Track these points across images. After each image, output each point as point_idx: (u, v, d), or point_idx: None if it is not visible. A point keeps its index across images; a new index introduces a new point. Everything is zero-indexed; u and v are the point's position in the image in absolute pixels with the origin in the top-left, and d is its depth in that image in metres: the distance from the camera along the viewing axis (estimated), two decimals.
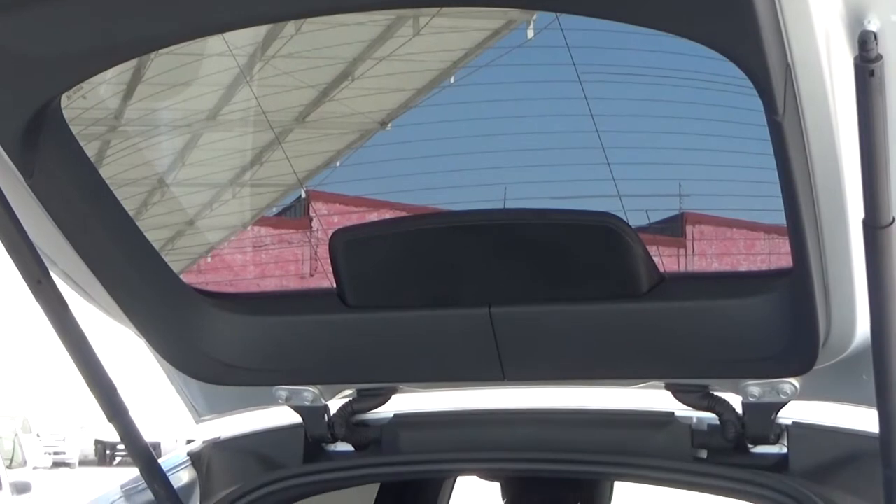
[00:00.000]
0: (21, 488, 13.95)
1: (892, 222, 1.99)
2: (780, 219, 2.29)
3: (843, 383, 2.73)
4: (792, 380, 2.72)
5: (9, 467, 14.65)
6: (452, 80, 2.78)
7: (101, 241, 2.80)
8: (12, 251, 2.64)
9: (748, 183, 2.69)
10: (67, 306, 2.80)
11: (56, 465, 38.34)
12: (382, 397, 3.24)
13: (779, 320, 2.55)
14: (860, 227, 2.04)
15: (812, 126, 2.05)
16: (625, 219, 2.63)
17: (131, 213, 2.84)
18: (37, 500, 14.67)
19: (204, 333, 2.94)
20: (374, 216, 2.96)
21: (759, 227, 2.82)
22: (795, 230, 2.27)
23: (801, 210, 2.19)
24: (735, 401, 2.86)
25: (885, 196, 1.94)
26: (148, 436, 3.21)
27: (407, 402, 3.26)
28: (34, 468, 17.50)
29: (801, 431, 2.85)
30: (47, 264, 2.74)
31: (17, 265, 2.67)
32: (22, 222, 2.61)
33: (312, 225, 3.02)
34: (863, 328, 2.42)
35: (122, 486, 3.27)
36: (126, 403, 3.03)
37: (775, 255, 2.69)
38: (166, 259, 2.94)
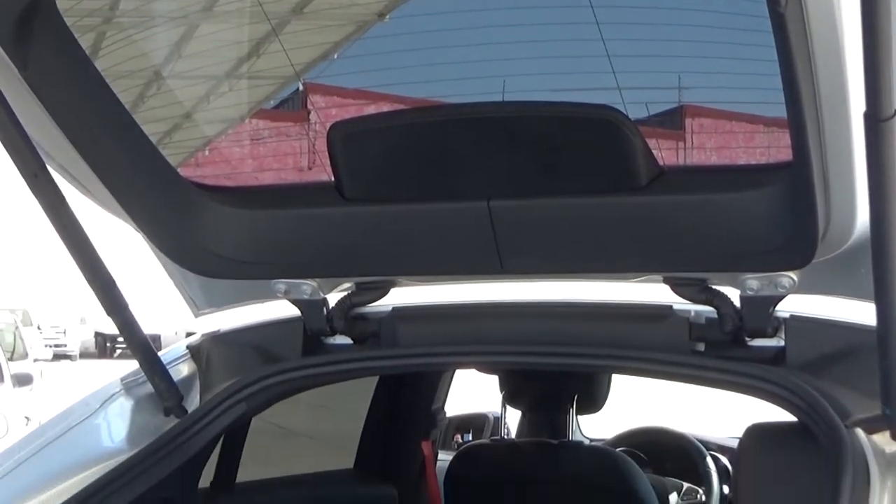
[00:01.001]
0: (22, 380, 14.06)
1: (893, 115, 1.97)
2: (781, 111, 2.27)
3: (842, 277, 2.74)
4: (791, 273, 2.73)
5: (10, 359, 14.74)
6: None
7: (98, 134, 2.79)
8: (8, 144, 2.62)
9: (749, 76, 2.67)
10: (65, 200, 2.79)
11: (57, 357, 38.61)
12: (381, 290, 3.25)
13: (778, 213, 2.55)
14: (861, 119, 2.02)
15: (815, 17, 2.03)
16: (624, 112, 2.61)
17: (128, 106, 2.82)
18: (38, 391, 14.80)
19: (202, 227, 2.93)
20: (372, 109, 2.94)
21: (759, 119, 2.80)
22: (796, 123, 2.25)
23: (802, 102, 2.17)
24: (733, 294, 2.86)
25: (888, 88, 1.92)
26: (147, 329, 3.23)
27: (405, 295, 3.27)
28: (35, 360, 17.61)
29: (798, 324, 2.86)
30: (44, 157, 2.72)
31: (13, 158, 2.65)
32: (17, 115, 2.59)
33: (310, 118, 3.00)
34: (862, 222, 2.41)
35: (122, 379, 3.29)
36: (125, 297, 3.04)
37: (775, 148, 2.67)
38: (163, 152, 2.92)
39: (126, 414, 3.21)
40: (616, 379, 4.57)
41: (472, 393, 6.42)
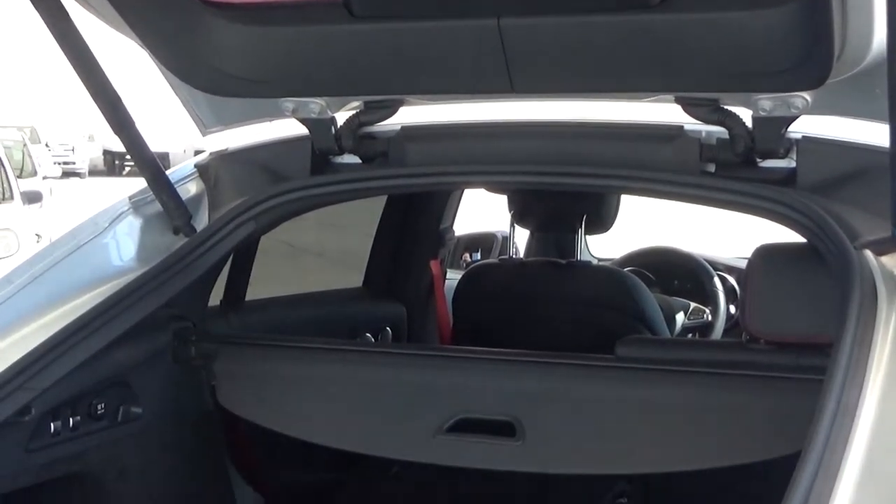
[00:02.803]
0: (32, 197, 14.08)
1: None
2: None
3: (856, 98, 2.70)
4: (804, 94, 2.69)
5: (19, 177, 14.73)
6: None
7: None
8: None
9: None
10: (69, 16, 2.75)
11: (66, 174, 38.64)
12: (389, 109, 3.22)
13: (793, 32, 2.49)
14: None
15: None
16: None
17: None
18: (48, 209, 14.85)
19: (209, 44, 2.89)
20: None
21: None
22: None
23: None
24: (745, 115, 2.83)
25: None
26: (155, 147, 3.22)
27: (414, 114, 3.24)
28: (44, 178, 17.61)
29: (810, 146, 2.84)
30: None
31: None
32: None
33: None
34: (879, 41, 2.37)
35: (130, 198, 3.29)
36: (132, 115, 3.02)
37: None
38: None
39: (135, 232, 3.22)
40: (625, 200, 4.56)
41: (481, 213, 6.44)
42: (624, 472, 3.55)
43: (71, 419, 2.94)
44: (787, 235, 2.92)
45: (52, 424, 2.88)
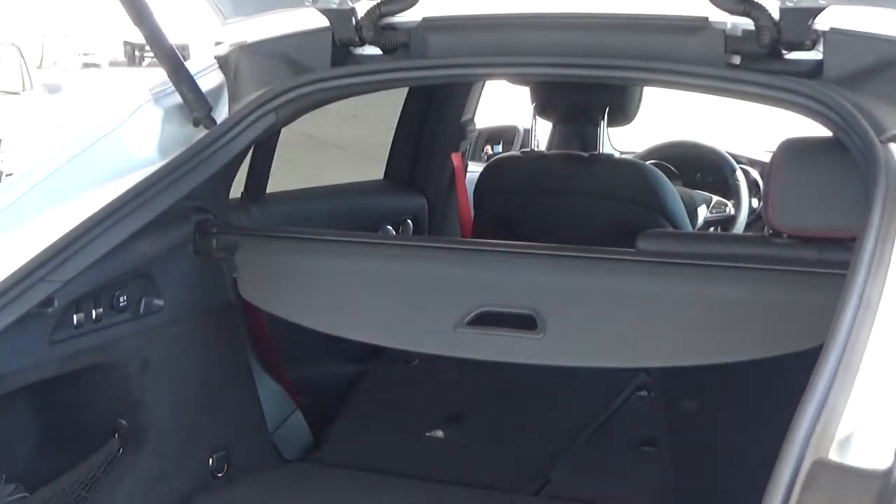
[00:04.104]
0: (52, 89, 14.07)
1: None
2: None
3: None
4: None
5: (39, 67, 14.70)
6: None
7: None
8: None
9: None
10: None
11: (86, 66, 38.51)
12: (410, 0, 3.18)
13: None
14: None
15: None
16: None
17: None
18: (67, 99, 14.82)
19: None
20: None
21: None
22: None
23: None
24: (772, 5, 2.78)
25: None
26: (175, 38, 3.18)
27: (436, 5, 3.20)
28: (64, 69, 17.57)
29: (837, 37, 2.79)
30: None
31: None
32: None
33: None
34: None
35: (150, 90, 3.27)
36: (150, 5, 2.99)
37: None
38: None
39: (155, 124, 3.20)
40: (648, 93, 4.53)
41: (503, 106, 6.39)
42: (644, 365, 3.57)
43: (94, 311, 2.96)
44: (812, 130, 2.89)
45: (74, 316, 2.90)
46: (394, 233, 4.60)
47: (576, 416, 3.93)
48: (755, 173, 5.98)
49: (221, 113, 3.32)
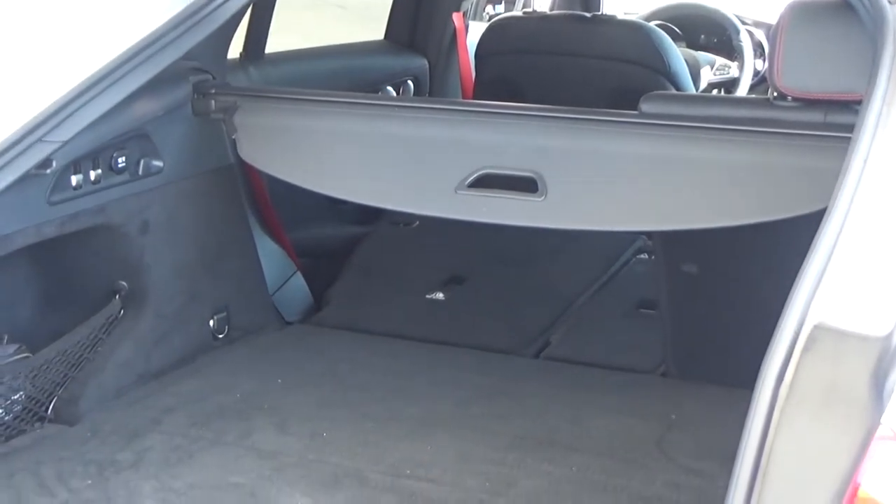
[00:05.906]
0: None
1: None
2: None
3: None
4: None
5: None
6: None
7: None
8: None
9: None
10: None
11: None
12: None
13: None
14: None
15: None
16: None
17: None
18: None
19: None
20: None
21: None
22: None
23: None
24: None
25: None
26: None
27: None
28: None
29: None
30: None
31: None
32: None
33: None
34: None
35: None
36: None
37: None
38: None
39: None
40: None
41: None
42: (645, 228, 3.56)
43: (92, 172, 2.94)
44: None
45: (73, 177, 2.88)
46: (394, 94, 4.56)
47: (576, 280, 3.94)
48: (760, 35, 5.91)
49: None
